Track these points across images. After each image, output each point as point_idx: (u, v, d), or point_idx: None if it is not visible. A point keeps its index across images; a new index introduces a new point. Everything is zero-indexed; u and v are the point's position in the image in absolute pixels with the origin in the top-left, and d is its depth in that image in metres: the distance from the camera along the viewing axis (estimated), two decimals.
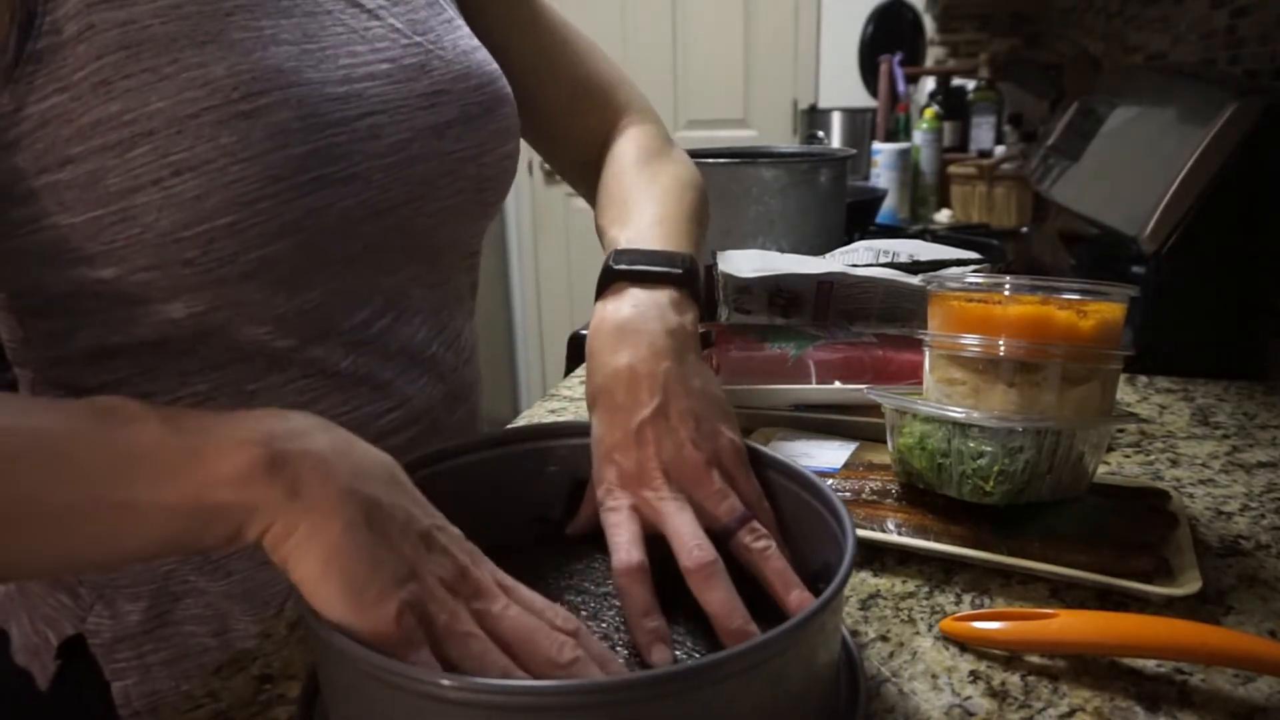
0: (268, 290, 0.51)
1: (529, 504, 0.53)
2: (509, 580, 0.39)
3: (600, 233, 0.65)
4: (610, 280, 0.54)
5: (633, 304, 0.52)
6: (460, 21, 0.62)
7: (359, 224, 0.53)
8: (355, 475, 0.36)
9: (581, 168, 0.74)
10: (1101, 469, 0.69)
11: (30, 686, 0.56)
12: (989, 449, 0.54)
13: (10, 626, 0.59)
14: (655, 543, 0.45)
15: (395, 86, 0.54)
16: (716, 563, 0.42)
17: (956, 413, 0.55)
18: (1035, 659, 0.47)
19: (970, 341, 0.56)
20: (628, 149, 0.71)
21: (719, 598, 0.41)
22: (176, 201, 0.46)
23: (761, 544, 0.44)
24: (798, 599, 0.42)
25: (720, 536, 0.45)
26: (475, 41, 0.62)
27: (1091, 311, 0.55)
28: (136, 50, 0.44)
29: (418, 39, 0.56)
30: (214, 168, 0.46)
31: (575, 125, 0.74)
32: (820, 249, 1.08)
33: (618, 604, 0.45)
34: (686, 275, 0.54)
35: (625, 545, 0.44)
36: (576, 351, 1.01)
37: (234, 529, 0.34)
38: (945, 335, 0.58)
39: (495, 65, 0.63)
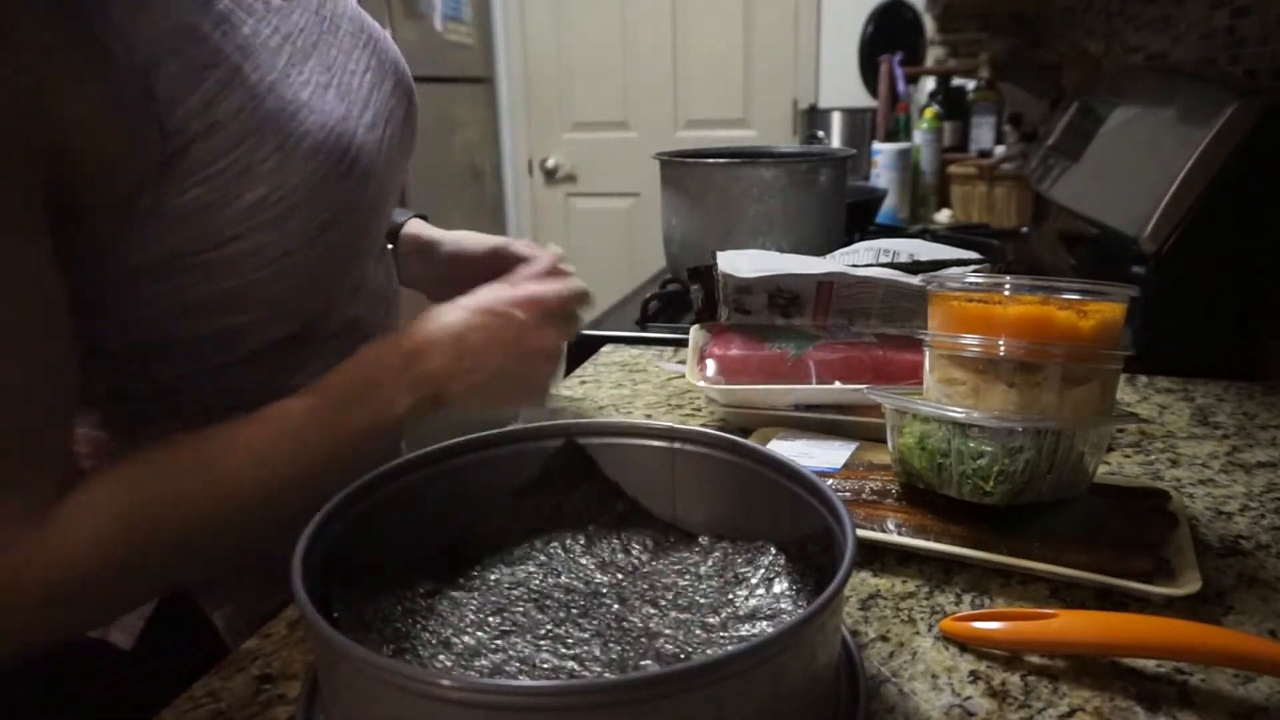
0: (331, 294, 0.61)
1: (521, 499, 0.53)
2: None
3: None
4: None
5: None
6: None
7: (375, 221, 0.63)
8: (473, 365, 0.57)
9: None
10: (1101, 469, 0.69)
11: (109, 651, 0.59)
12: (989, 449, 0.54)
13: None
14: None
15: (382, 96, 0.62)
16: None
17: (956, 413, 0.55)
18: (1035, 659, 0.47)
19: (970, 341, 0.56)
20: None
21: None
22: (329, 252, 0.56)
23: None
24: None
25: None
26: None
27: (1091, 311, 0.55)
28: (260, 134, 0.51)
29: (366, 33, 0.64)
30: (347, 218, 0.57)
31: None
32: (820, 249, 1.08)
33: (607, 602, 0.46)
34: None
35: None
36: (575, 352, 1.01)
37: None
38: (945, 335, 0.58)
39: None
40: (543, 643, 0.43)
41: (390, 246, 0.80)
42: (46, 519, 0.44)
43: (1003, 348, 0.55)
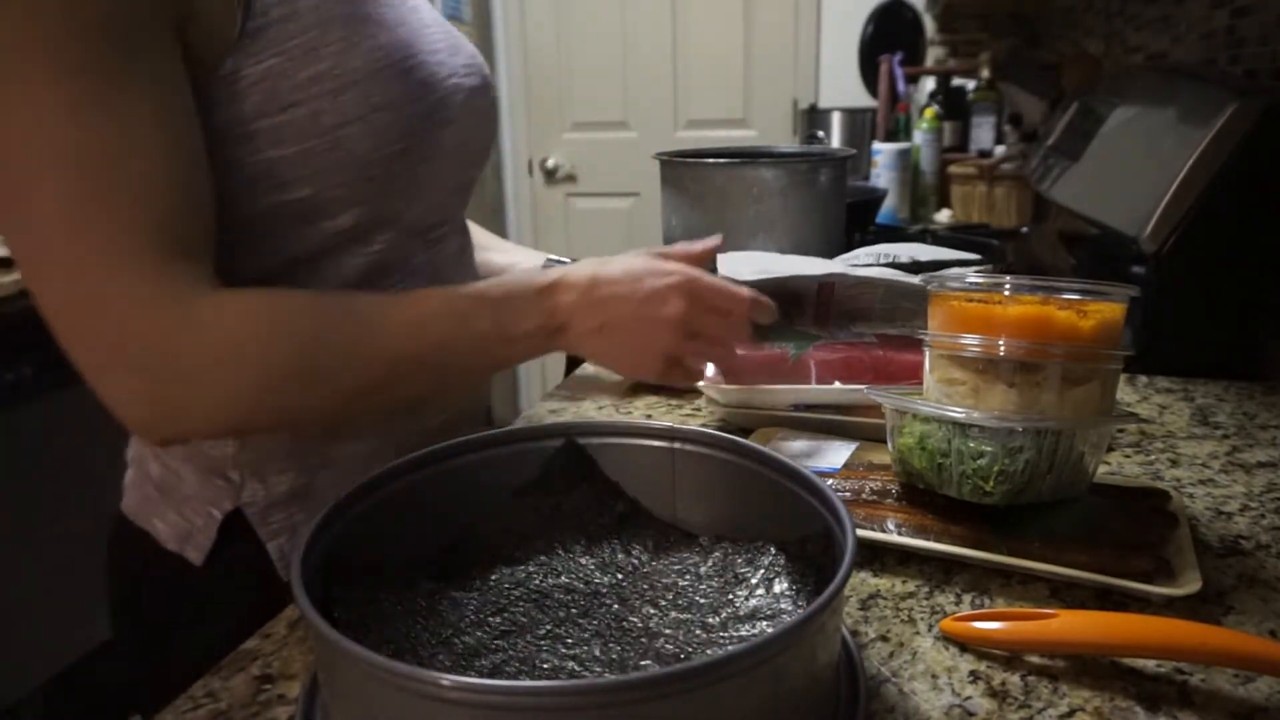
0: (400, 202, 0.65)
1: (521, 499, 0.53)
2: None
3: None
4: None
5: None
6: None
7: (452, 156, 0.68)
8: (597, 312, 0.61)
9: None
10: (1101, 469, 0.69)
11: (183, 565, 0.66)
12: (989, 449, 0.54)
13: (153, 524, 0.68)
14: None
15: (451, 58, 0.68)
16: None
17: (956, 413, 0.55)
18: (1035, 659, 0.47)
19: (970, 341, 0.56)
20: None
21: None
22: (374, 130, 0.60)
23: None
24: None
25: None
26: None
27: (1091, 311, 0.55)
28: (328, 25, 0.58)
29: (449, 27, 0.73)
30: (395, 106, 0.60)
31: None
32: (820, 249, 1.08)
33: (607, 602, 0.46)
34: None
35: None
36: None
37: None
38: (945, 335, 0.58)
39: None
40: (543, 643, 0.43)
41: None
42: (215, 290, 0.53)
43: (1003, 348, 0.55)
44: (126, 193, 0.50)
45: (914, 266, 0.94)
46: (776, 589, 0.45)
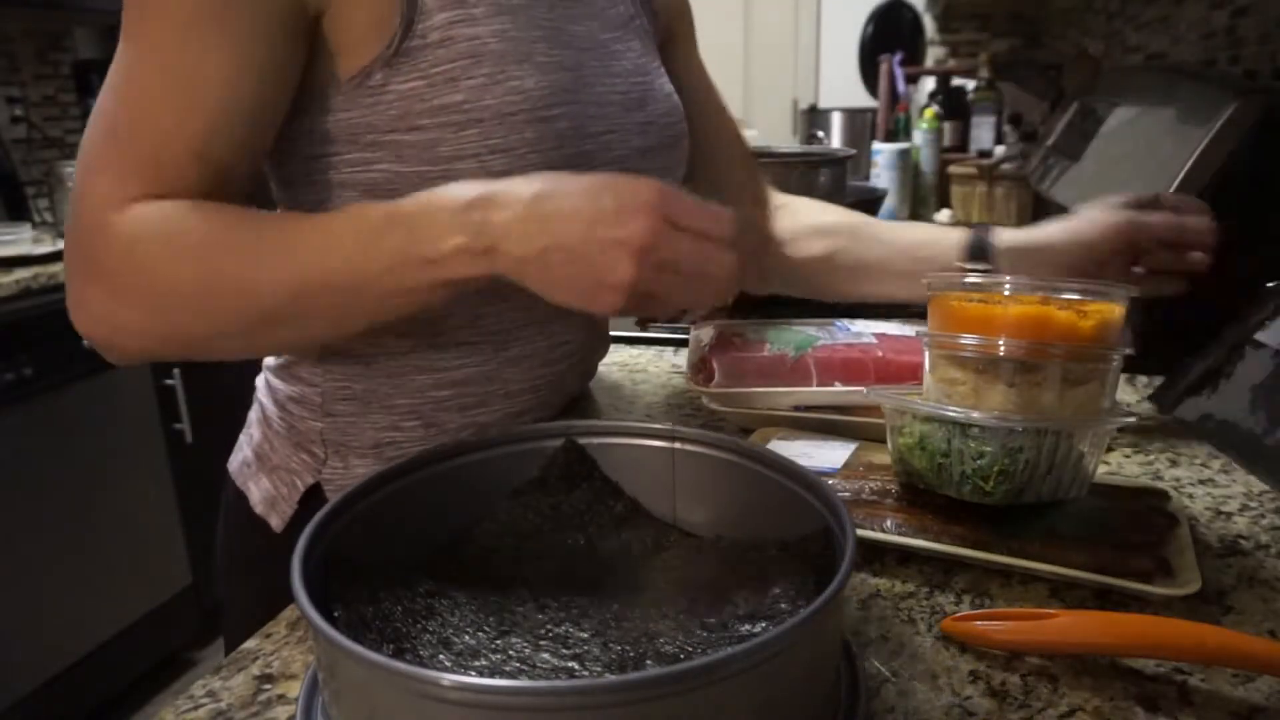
0: None
1: (521, 499, 0.53)
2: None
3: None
4: None
5: None
6: (663, 69, 0.76)
7: None
8: (539, 231, 0.51)
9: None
10: (1101, 469, 0.69)
11: (267, 530, 0.71)
12: (989, 449, 0.54)
13: (249, 487, 0.73)
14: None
15: (624, 113, 0.67)
16: None
17: (956, 413, 0.55)
18: (1035, 659, 0.47)
19: (970, 341, 0.56)
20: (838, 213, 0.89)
21: None
22: (486, 170, 0.59)
23: None
24: None
25: None
26: (672, 87, 0.76)
27: (1091, 311, 0.55)
28: (479, 59, 0.58)
29: (640, 78, 0.70)
30: (516, 154, 0.60)
31: (730, 175, 0.90)
32: None
33: (608, 602, 0.46)
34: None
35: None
36: None
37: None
38: (945, 335, 0.58)
39: (682, 108, 0.76)
40: (543, 643, 0.43)
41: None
42: (133, 206, 0.54)
43: (1003, 348, 0.55)
44: (146, 127, 0.54)
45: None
46: (776, 589, 0.45)
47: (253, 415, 0.76)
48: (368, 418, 0.69)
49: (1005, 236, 0.79)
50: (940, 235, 0.82)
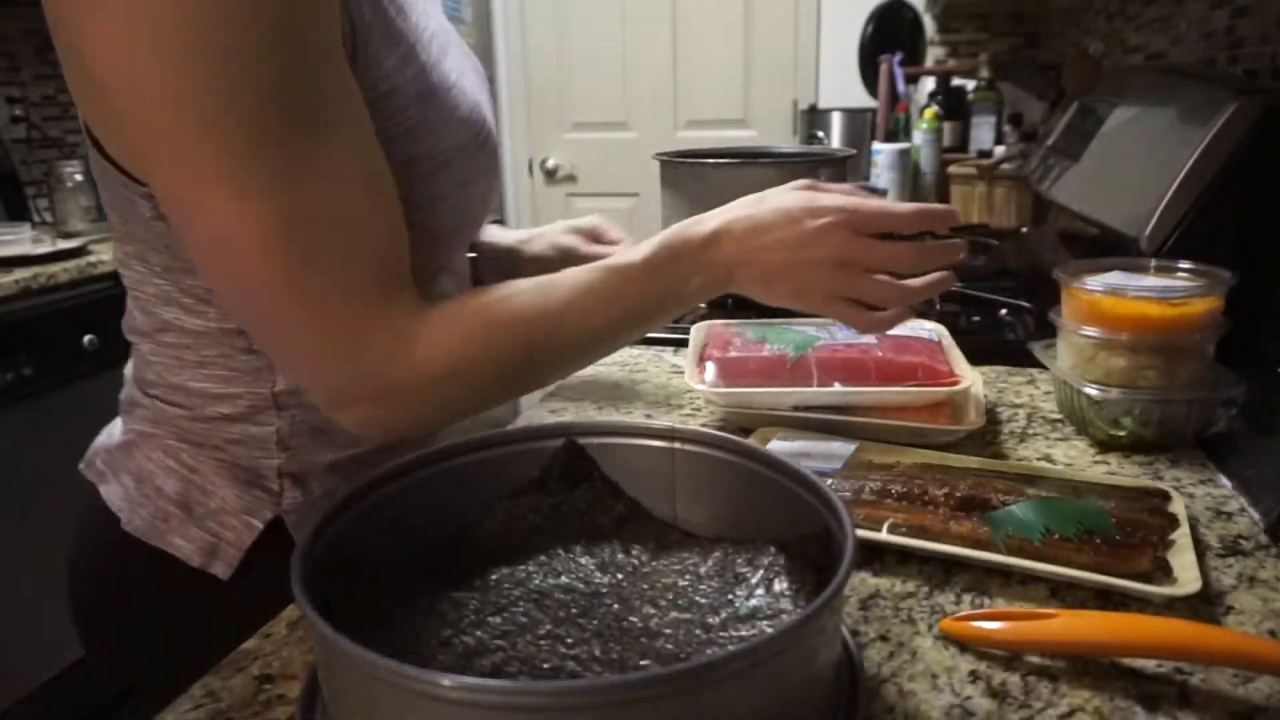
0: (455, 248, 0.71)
1: (521, 499, 0.53)
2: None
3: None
4: None
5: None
6: None
7: (485, 203, 0.71)
8: (759, 259, 0.61)
9: None
10: (1101, 469, 0.69)
11: (209, 583, 0.66)
12: (1114, 407, 0.70)
13: (171, 542, 0.66)
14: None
15: (484, 97, 0.70)
16: None
17: (1092, 389, 0.71)
18: (1035, 659, 0.47)
19: (1091, 333, 0.72)
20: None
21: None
22: (462, 207, 0.65)
23: None
24: None
25: None
26: None
27: (1195, 304, 0.69)
28: (427, 98, 0.60)
29: (474, 59, 0.74)
30: (483, 181, 0.66)
31: None
32: None
33: (608, 603, 0.46)
34: None
35: None
36: None
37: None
38: (1074, 324, 0.73)
39: None
40: (543, 643, 0.42)
41: (472, 255, 0.85)
42: (428, 316, 0.57)
43: (1125, 337, 0.70)
44: (339, 255, 0.53)
45: None
46: (776, 589, 0.45)
47: (147, 468, 0.68)
48: (328, 444, 0.68)
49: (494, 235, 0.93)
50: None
